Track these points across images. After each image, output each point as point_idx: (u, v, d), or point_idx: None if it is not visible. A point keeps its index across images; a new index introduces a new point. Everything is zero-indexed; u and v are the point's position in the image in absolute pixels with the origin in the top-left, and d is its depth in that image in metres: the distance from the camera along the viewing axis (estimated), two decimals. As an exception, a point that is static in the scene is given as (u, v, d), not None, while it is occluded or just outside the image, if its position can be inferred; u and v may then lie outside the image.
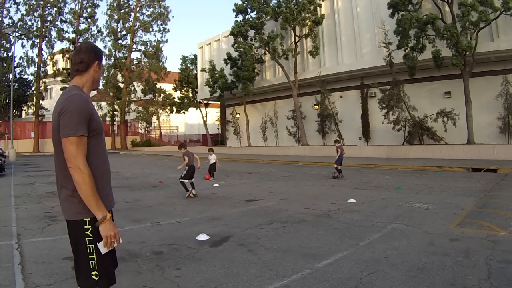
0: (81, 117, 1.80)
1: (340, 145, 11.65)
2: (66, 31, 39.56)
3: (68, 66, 39.68)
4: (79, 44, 2.17)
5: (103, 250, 1.84)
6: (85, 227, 1.85)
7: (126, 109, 41.62)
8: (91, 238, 1.84)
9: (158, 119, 45.47)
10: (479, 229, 4.86)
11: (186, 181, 8.26)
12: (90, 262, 1.84)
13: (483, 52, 16.61)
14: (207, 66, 31.79)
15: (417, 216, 5.77)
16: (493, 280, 3.15)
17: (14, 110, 38.56)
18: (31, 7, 37.23)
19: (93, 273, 1.83)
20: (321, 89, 24.02)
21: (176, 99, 40.25)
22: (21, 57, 39.72)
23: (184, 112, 40.69)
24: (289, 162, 18.89)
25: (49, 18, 38.69)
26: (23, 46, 43.44)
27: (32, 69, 50.75)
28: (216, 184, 10.41)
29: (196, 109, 40.41)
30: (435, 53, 16.72)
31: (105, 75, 40.93)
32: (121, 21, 41.36)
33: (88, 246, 1.84)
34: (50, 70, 40.85)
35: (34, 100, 38.91)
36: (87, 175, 1.76)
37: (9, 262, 3.90)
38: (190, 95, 39.35)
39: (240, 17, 26.14)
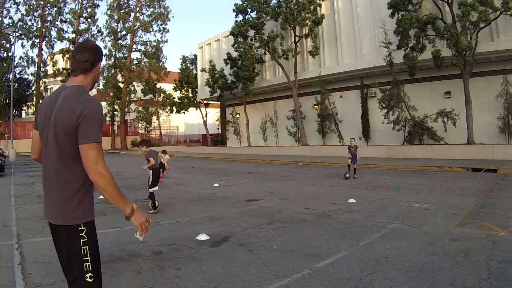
0: (100, 124, 1.84)
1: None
2: (66, 31, 39.64)
3: (68, 66, 39.69)
4: (83, 41, 2.13)
5: (141, 238, 1.96)
6: (79, 229, 1.84)
7: (126, 109, 41.61)
8: (86, 239, 1.84)
9: (158, 119, 45.48)
10: (479, 229, 4.86)
11: (156, 188, 6.72)
12: (84, 264, 1.82)
13: (483, 52, 16.60)
14: (207, 66, 31.80)
15: (417, 216, 5.77)
16: (493, 280, 3.15)
17: (14, 110, 38.54)
18: (31, 7, 37.26)
19: (88, 275, 1.82)
20: (321, 89, 24.01)
21: (176, 99, 40.25)
22: (21, 57, 39.80)
23: (184, 112, 40.69)
24: (289, 162, 18.89)
25: (49, 18, 38.76)
26: (23, 46, 43.49)
27: (32, 69, 50.71)
28: (216, 184, 10.41)
29: (196, 109, 40.40)
30: (435, 53, 16.72)
31: (105, 75, 40.98)
32: (121, 21, 41.36)
33: (82, 248, 1.83)
34: (50, 70, 40.90)
35: (34, 100, 38.94)
36: (110, 177, 1.78)
37: (9, 262, 3.90)
38: (190, 95, 39.35)
39: (240, 17, 26.15)
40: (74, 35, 39.58)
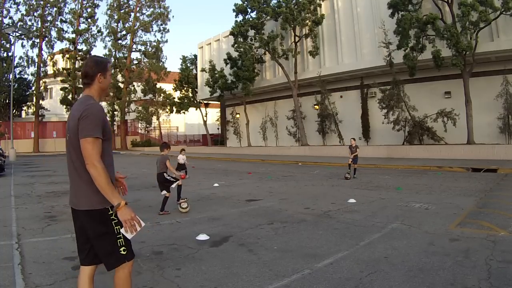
0: (98, 122, 2.10)
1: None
2: (66, 31, 39.65)
3: (68, 66, 39.73)
4: (87, 57, 2.54)
5: (128, 235, 2.13)
6: (109, 213, 2.16)
7: (126, 109, 41.63)
8: (116, 220, 2.16)
9: (158, 119, 45.47)
10: (479, 229, 4.85)
11: (162, 193, 6.65)
12: (118, 241, 2.16)
13: (483, 52, 16.61)
14: (207, 66, 31.80)
15: (417, 216, 5.77)
16: (493, 280, 3.14)
17: (14, 110, 38.54)
18: (31, 7, 37.26)
19: (121, 249, 2.17)
20: (321, 89, 24.02)
21: (176, 99, 40.25)
22: (21, 57, 39.79)
23: (184, 112, 40.69)
24: (289, 162, 18.88)
25: (49, 18, 38.74)
26: (23, 46, 43.53)
27: (32, 69, 50.79)
28: (216, 184, 10.41)
29: (196, 109, 40.40)
30: (435, 53, 16.72)
31: (105, 75, 40.92)
32: (121, 21, 41.38)
33: (115, 228, 2.17)
34: (50, 70, 40.88)
35: (34, 100, 38.93)
36: (101, 169, 2.05)
37: (9, 262, 3.89)
38: (190, 95, 39.35)
39: (240, 17, 26.16)
40: (74, 35, 39.59)
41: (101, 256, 2.19)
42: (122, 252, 2.16)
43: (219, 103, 37.69)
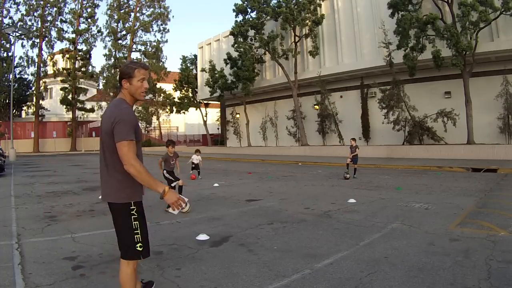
0: (131, 126, 2.29)
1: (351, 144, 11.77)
2: (66, 31, 39.69)
3: (68, 66, 39.77)
4: None
5: (175, 212, 2.39)
6: (130, 208, 2.34)
7: (126, 109, 41.61)
8: (136, 216, 2.35)
9: (158, 119, 45.51)
10: (479, 229, 4.85)
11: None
12: (135, 236, 2.32)
13: (483, 52, 16.61)
14: (207, 66, 31.81)
15: (417, 216, 5.77)
16: (493, 280, 3.14)
17: (14, 110, 38.57)
18: (31, 7, 37.30)
19: (138, 245, 2.32)
20: (321, 89, 24.03)
21: (176, 99, 40.27)
22: (21, 57, 39.86)
23: (184, 112, 40.72)
24: (289, 162, 18.89)
25: (49, 18, 38.80)
26: (23, 46, 43.56)
27: (32, 69, 50.80)
28: (216, 184, 10.41)
29: (196, 109, 40.42)
30: (435, 53, 16.72)
31: (105, 75, 41.01)
32: (121, 21, 41.43)
33: (133, 223, 2.33)
34: (50, 70, 40.90)
35: (34, 100, 38.97)
36: (139, 166, 2.23)
37: (9, 262, 3.89)
38: (190, 95, 39.39)
39: (240, 17, 26.16)
40: (74, 35, 39.61)
41: (120, 246, 2.36)
42: (138, 248, 2.31)
43: (219, 103, 37.69)
